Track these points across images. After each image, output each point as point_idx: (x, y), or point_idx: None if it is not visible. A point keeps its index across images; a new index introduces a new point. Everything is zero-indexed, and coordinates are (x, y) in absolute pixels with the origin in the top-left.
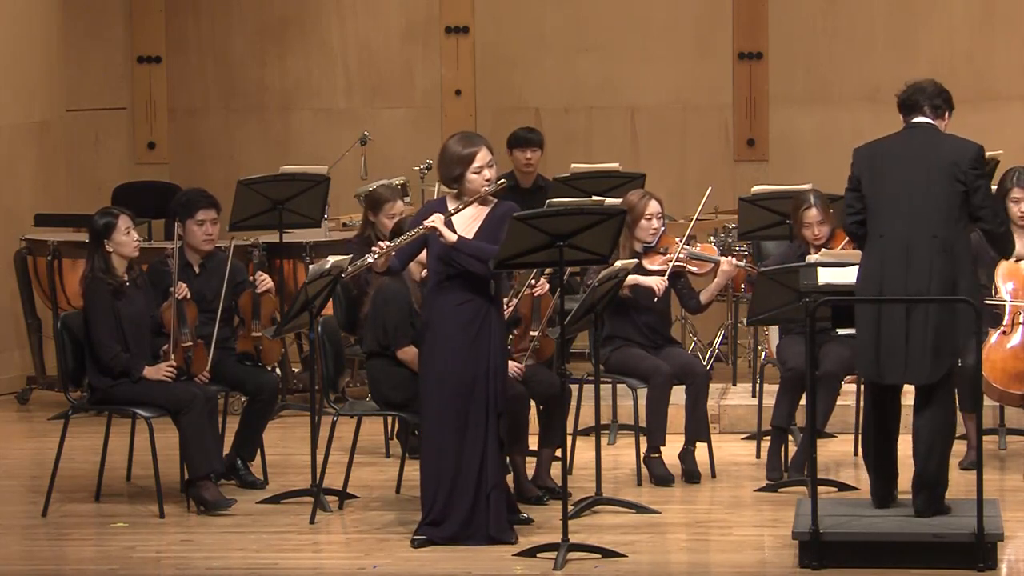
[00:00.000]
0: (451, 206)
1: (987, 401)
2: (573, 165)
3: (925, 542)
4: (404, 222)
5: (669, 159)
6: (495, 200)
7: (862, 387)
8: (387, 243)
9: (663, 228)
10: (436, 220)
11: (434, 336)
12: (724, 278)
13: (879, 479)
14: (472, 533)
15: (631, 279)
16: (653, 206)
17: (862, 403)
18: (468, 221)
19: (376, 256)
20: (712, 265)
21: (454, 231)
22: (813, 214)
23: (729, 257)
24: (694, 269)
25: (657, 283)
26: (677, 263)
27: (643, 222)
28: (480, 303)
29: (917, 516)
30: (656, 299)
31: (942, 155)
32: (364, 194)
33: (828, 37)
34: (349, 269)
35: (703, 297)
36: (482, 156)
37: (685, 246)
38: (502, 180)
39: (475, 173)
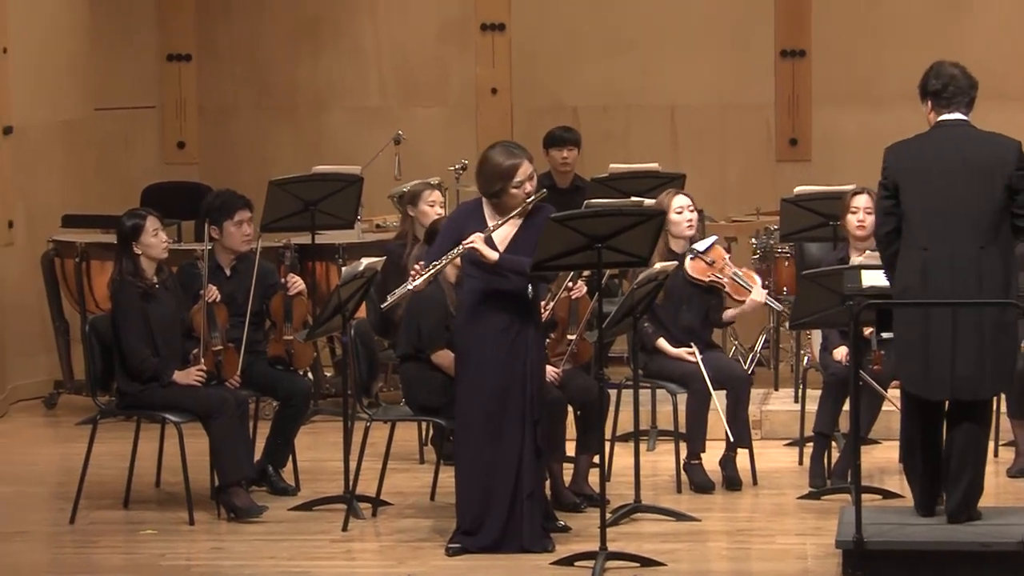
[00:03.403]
0: (488, 215)
1: None
2: (611, 165)
3: (972, 551)
4: (439, 223)
5: (709, 159)
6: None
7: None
8: (424, 264)
9: (695, 219)
10: (476, 241)
11: (469, 341)
12: (750, 307)
13: (925, 487)
14: (508, 542)
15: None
16: (680, 199)
17: (902, 410)
18: (504, 227)
19: (416, 283)
20: (744, 288)
21: (494, 245)
22: (863, 199)
23: (764, 291)
24: (729, 291)
25: (686, 355)
26: (716, 281)
27: (673, 216)
28: (517, 307)
29: (950, 521)
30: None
31: (985, 156)
32: (398, 195)
33: (872, 34)
34: (389, 299)
35: (727, 315)
36: (523, 170)
37: (736, 271)
38: (542, 190)
39: (516, 188)
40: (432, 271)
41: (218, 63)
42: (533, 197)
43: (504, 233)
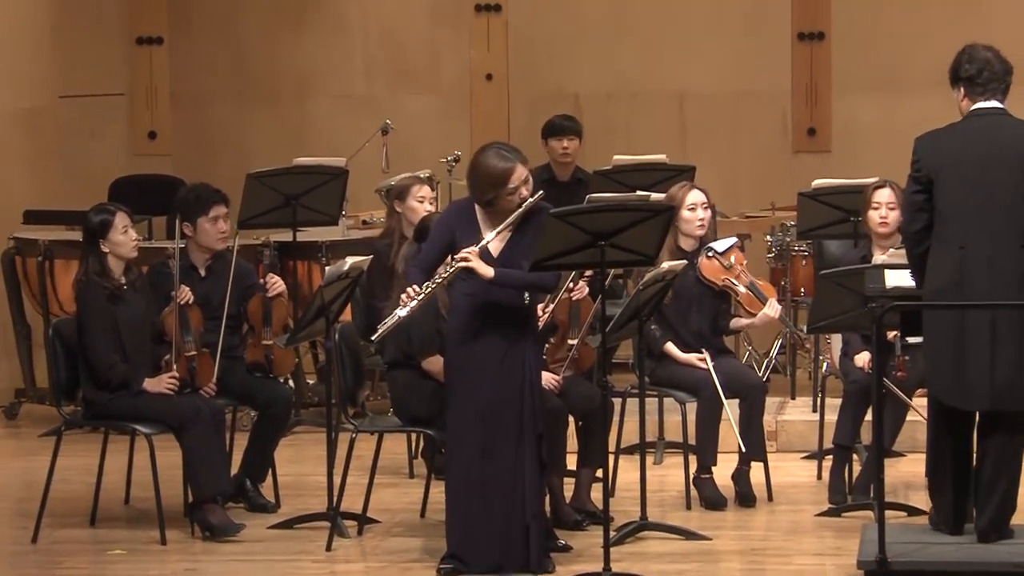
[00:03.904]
0: (480, 218)
1: None
2: (615, 157)
3: (1004, 572)
4: (430, 219)
5: (721, 150)
6: None
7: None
8: (416, 289)
9: (708, 218)
10: (472, 258)
11: (459, 350)
12: (761, 322)
13: (955, 503)
14: (505, 565)
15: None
16: (695, 195)
17: (930, 421)
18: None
19: (409, 308)
20: (759, 301)
21: (489, 254)
22: (886, 193)
23: (778, 307)
24: (742, 301)
25: (696, 360)
26: (730, 287)
27: (686, 213)
28: (511, 314)
29: (980, 540)
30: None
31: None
32: (386, 188)
33: (897, 15)
34: (380, 330)
35: (734, 324)
36: (517, 176)
37: (753, 281)
38: (539, 193)
39: (510, 195)
40: (424, 296)
41: (192, 46)
42: (528, 202)
43: (497, 236)
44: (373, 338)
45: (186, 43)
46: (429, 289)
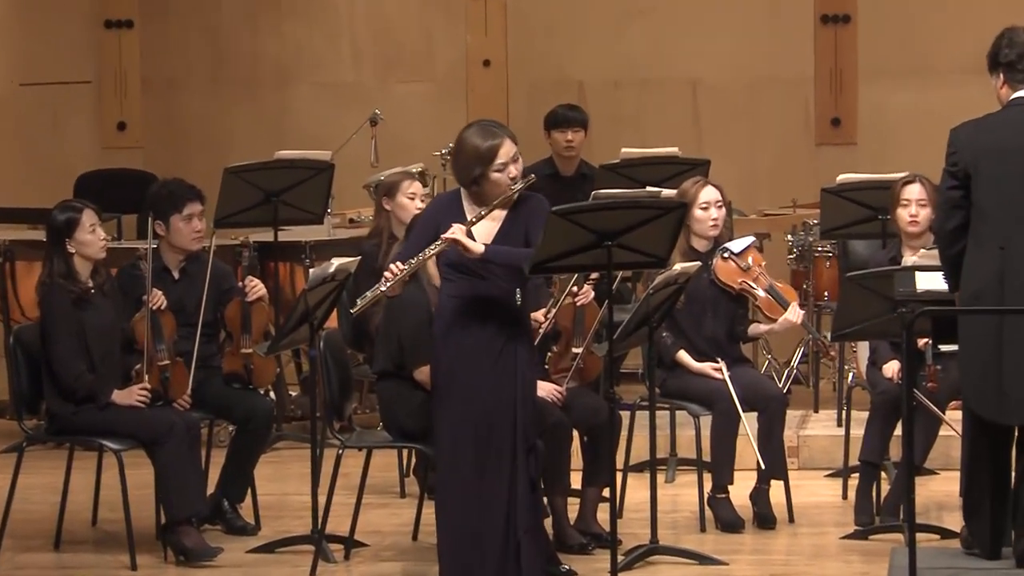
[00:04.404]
0: (467, 208)
1: None
2: (623, 150)
3: None
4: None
5: (738, 143)
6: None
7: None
8: (399, 266)
9: (723, 217)
10: (457, 232)
11: (447, 357)
12: (781, 328)
13: (992, 525)
14: None
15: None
16: (709, 192)
17: (965, 436)
18: (487, 220)
19: (389, 284)
20: (779, 306)
21: (474, 238)
22: (915, 190)
23: (800, 312)
24: (761, 306)
25: (711, 370)
26: (747, 290)
27: (698, 212)
28: (503, 316)
29: (1019, 565)
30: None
31: None
32: (375, 184)
33: None
34: (359, 303)
35: (752, 330)
36: (505, 150)
37: (773, 284)
38: (530, 176)
39: (498, 171)
40: (407, 271)
41: (165, 30)
42: (520, 183)
43: (486, 228)
44: (352, 311)
45: (158, 26)
46: (412, 265)
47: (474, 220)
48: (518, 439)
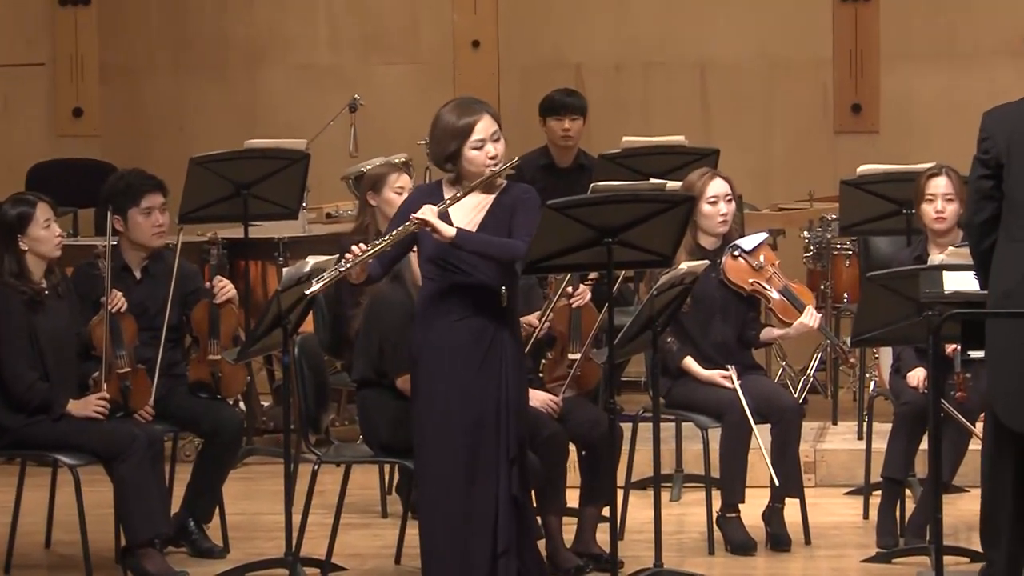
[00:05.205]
0: (447, 193)
1: None
2: (625, 138)
3: None
4: None
5: (750, 131)
6: (504, 183)
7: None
8: (363, 247)
9: (732, 212)
10: (426, 212)
11: (428, 363)
12: (796, 332)
13: (1008, 550)
14: None
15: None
16: (716, 185)
17: (986, 450)
18: (468, 212)
19: (348, 266)
20: (794, 309)
21: (451, 224)
22: (941, 183)
23: (817, 315)
24: (775, 309)
25: (721, 378)
26: (759, 292)
27: (706, 207)
28: (486, 317)
29: None
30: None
31: None
32: (355, 176)
33: None
34: (315, 285)
35: (764, 335)
36: (483, 126)
37: (788, 286)
38: (514, 159)
39: (475, 149)
40: (369, 251)
41: (125, 8)
42: (502, 165)
43: (469, 220)
44: (307, 292)
45: (118, 4)
46: (376, 246)
47: (449, 201)
48: (501, 451)
